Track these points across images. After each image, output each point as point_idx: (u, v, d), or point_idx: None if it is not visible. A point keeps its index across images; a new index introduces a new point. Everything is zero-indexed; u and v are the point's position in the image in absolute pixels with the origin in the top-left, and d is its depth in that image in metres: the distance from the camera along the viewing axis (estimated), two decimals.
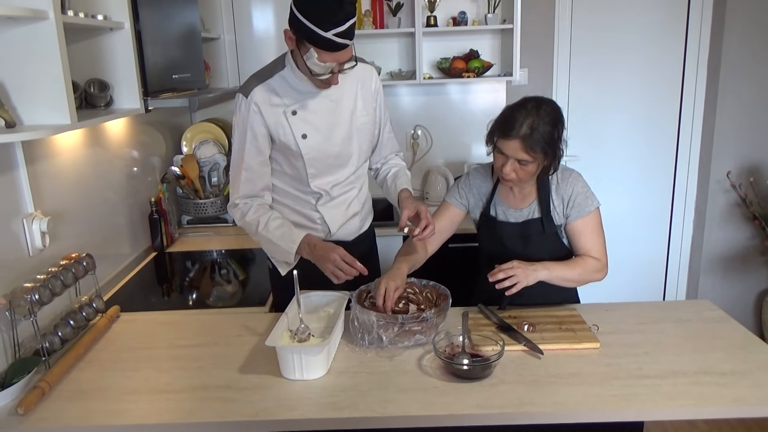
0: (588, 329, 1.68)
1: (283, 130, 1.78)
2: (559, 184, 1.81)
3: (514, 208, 1.86)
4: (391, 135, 2.05)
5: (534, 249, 1.83)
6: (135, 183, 2.55)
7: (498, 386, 1.44)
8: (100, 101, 1.79)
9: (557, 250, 1.85)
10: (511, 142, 1.66)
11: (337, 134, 1.84)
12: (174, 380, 1.51)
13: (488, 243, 1.92)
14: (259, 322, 1.82)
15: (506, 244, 1.86)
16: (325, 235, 1.96)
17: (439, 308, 1.63)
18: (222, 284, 2.31)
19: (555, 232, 1.82)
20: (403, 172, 2.01)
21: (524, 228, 1.84)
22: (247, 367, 1.56)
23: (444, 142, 3.38)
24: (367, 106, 1.89)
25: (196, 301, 2.14)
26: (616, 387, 1.42)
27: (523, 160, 1.67)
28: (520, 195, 1.86)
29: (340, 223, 1.96)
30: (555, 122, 1.68)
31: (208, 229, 2.88)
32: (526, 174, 1.72)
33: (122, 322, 1.87)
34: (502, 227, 1.87)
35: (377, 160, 2.05)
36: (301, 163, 1.83)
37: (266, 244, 1.86)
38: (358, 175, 1.97)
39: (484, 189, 1.92)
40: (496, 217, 1.89)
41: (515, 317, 1.77)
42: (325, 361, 1.50)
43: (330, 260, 1.70)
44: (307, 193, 1.91)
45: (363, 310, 1.62)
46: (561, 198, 1.81)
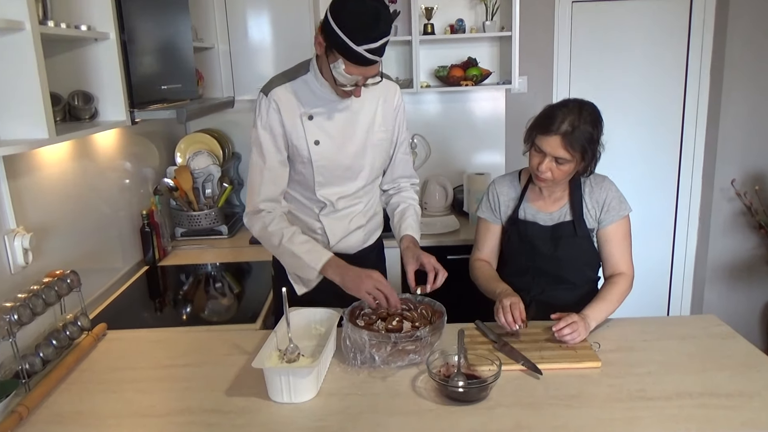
0: (589, 347, 1.62)
1: (297, 134, 1.74)
2: (593, 188, 1.81)
3: (544, 210, 1.85)
4: (407, 158, 1.98)
5: (565, 251, 1.82)
6: (127, 195, 2.50)
7: (494, 409, 1.37)
8: (84, 114, 1.74)
9: (588, 254, 1.83)
10: (551, 138, 1.65)
11: (350, 146, 1.80)
12: (158, 403, 1.45)
13: (517, 246, 1.88)
14: (250, 339, 1.76)
15: (537, 245, 1.83)
16: (323, 246, 1.90)
17: (433, 326, 1.56)
18: (214, 299, 2.25)
19: (587, 235, 1.80)
20: (412, 211, 1.94)
21: (555, 230, 1.82)
22: (235, 388, 1.50)
23: (442, 152, 3.33)
24: (386, 123, 1.84)
25: (186, 317, 2.08)
26: (618, 410, 1.36)
27: (561, 158, 1.66)
28: (550, 199, 1.85)
29: (341, 236, 1.90)
30: (595, 123, 1.68)
31: (202, 242, 2.82)
32: (561, 174, 1.70)
33: (108, 340, 1.82)
34: (532, 228, 1.84)
35: (388, 182, 1.99)
36: (310, 169, 1.78)
37: (289, 258, 1.76)
38: (367, 191, 1.91)
39: (512, 195, 1.90)
40: (525, 218, 1.86)
41: (513, 333, 1.71)
42: (315, 383, 1.44)
43: (372, 278, 1.63)
44: (311, 200, 1.85)
45: (354, 328, 1.56)
46: (595, 202, 1.80)
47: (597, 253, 1.84)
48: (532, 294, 1.85)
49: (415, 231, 1.89)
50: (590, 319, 1.67)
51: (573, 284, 1.86)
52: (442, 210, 3.18)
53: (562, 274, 1.85)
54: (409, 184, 2.00)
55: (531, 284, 1.86)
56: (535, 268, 1.86)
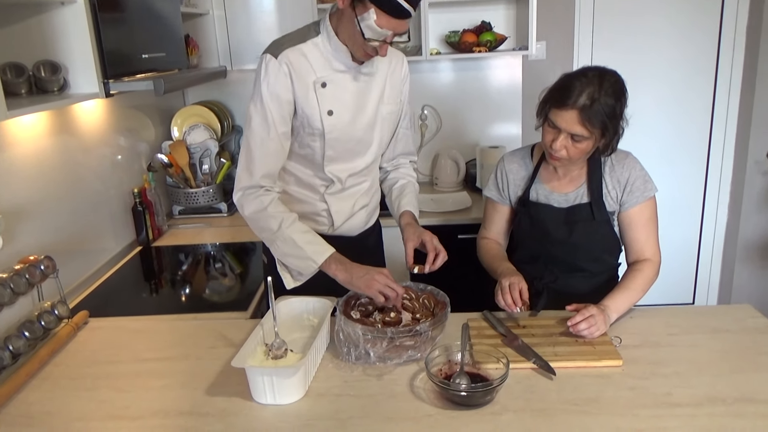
0: (609, 342, 1.45)
1: (308, 103, 1.57)
2: (615, 167, 1.62)
3: (558, 191, 1.67)
4: (408, 133, 1.83)
5: (580, 237, 1.65)
6: (118, 172, 2.37)
7: (501, 415, 1.22)
8: (51, 85, 1.59)
9: (606, 240, 1.66)
10: (567, 113, 1.46)
11: (362, 117, 1.64)
12: (132, 403, 1.33)
13: (527, 230, 1.72)
14: (238, 330, 1.63)
15: (549, 230, 1.66)
16: (327, 229, 1.75)
17: (435, 319, 1.41)
18: (206, 283, 2.12)
19: (606, 219, 1.63)
20: (411, 188, 1.81)
21: (570, 214, 1.65)
22: (216, 387, 1.37)
23: (454, 124, 3.13)
24: (394, 95, 1.69)
25: (174, 304, 1.95)
26: (641, 418, 1.20)
27: (577, 135, 1.48)
28: (566, 178, 1.66)
29: (346, 216, 1.75)
30: (618, 95, 1.49)
31: (200, 220, 2.69)
32: (578, 152, 1.52)
33: (89, 329, 1.70)
34: (545, 211, 1.67)
35: (388, 160, 1.84)
36: (320, 143, 1.62)
37: (285, 246, 1.58)
38: (372, 168, 1.77)
39: (522, 173, 1.73)
40: (538, 200, 1.69)
41: (524, 326, 1.55)
42: (301, 384, 1.31)
43: (383, 273, 1.49)
44: (317, 178, 1.69)
45: (348, 321, 1.42)
46: (617, 182, 1.62)
47: (617, 239, 1.67)
48: (544, 282, 1.68)
49: (414, 207, 1.76)
50: (610, 311, 1.51)
51: (590, 272, 1.69)
52: (453, 186, 3.00)
53: (577, 262, 1.68)
54: (408, 161, 1.85)
55: (543, 271, 1.70)
56: (548, 254, 1.70)
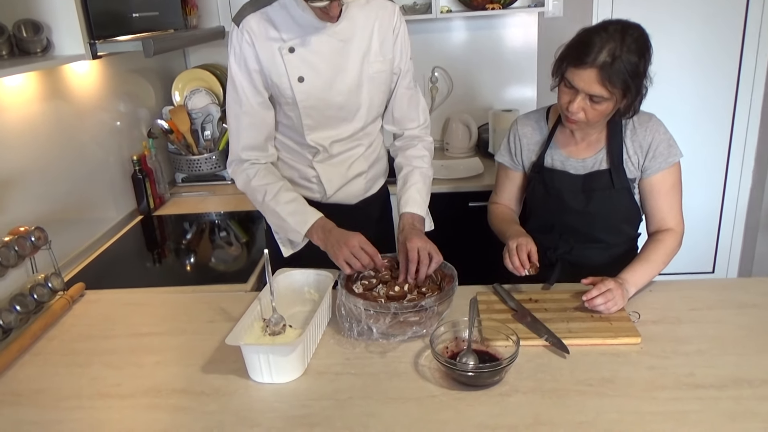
0: (627, 318, 1.37)
1: (277, 70, 1.48)
2: (636, 130, 1.51)
3: (575, 157, 1.56)
4: (412, 94, 1.65)
5: (598, 206, 1.54)
6: (117, 139, 2.30)
7: (510, 396, 1.15)
8: (34, 46, 1.50)
9: (626, 209, 1.56)
10: (585, 71, 1.35)
11: (342, 81, 1.53)
12: (124, 380, 1.27)
13: (541, 198, 1.61)
14: (238, 303, 1.56)
15: (565, 198, 1.56)
16: (320, 197, 1.68)
17: (441, 294, 1.33)
18: (207, 253, 2.06)
19: (627, 187, 1.52)
20: (417, 176, 1.63)
21: (588, 181, 1.54)
22: (212, 363, 1.31)
23: (466, 86, 3.00)
24: (383, 50, 1.56)
25: (173, 275, 1.89)
26: (661, 401, 1.12)
27: (596, 96, 1.37)
28: (584, 142, 1.55)
29: (339, 184, 1.67)
30: (642, 52, 1.36)
31: (202, 188, 2.62)
32: (596, 115, 1.41)
33: (85, 302, 1.64)
34: (560, 178, 1.56)
35: (390, 122, 1.70)
36: (296, 111, 1.53)
37: (273, 218, 1.58)
38: (368, 132, 1.66)
39: (536, 137, 1.62)
40: (553, 166, 1.58)
41: (536, 300, 1.47)
42: (299, 361, 1.24)
43: (348, 245, 1.42)
44: (302, 146, 1.61)
45: (349, 296, 1.34)
46: (639, 147, 1.50)
47: (638, 208, 1.56)
48: (558, 253, 1.59)
49: (418, 204, 1.59)
50: (629, 285, 1.41)
51: (607, 243, 1.60)
52: (465, 151, 2.89)
53: (594, 232, 1.59)
54: (417, 130, 1.69)
55: (557, 242, 1.61)
56: (563, 224, 1.60)
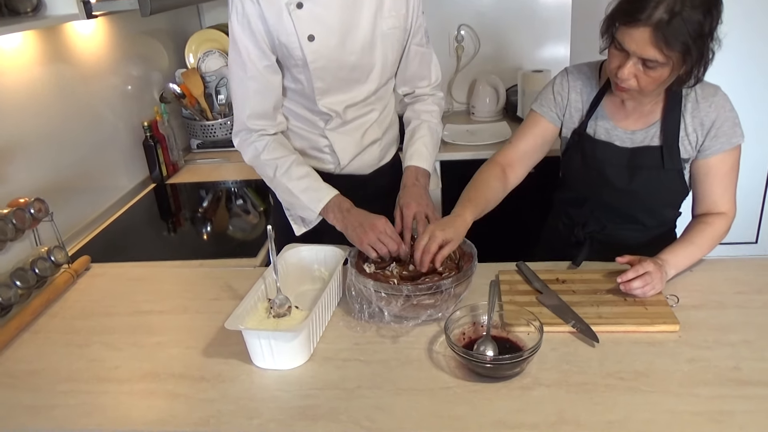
0: (664, 302, 1.24)
1: (284, 29, 1.35)
2: (699, 105, 1.32)
3: (624, 128, 1.38)
4: (424, 51, 1.54)
5: (643, 186, 1.37)
6: (127, 104, 2.21)
7: (531, 390, 1.05)
8: (23, 6, 1.41)
9: (673, 193, 1.39)
10: (638, 30, 1.15)
11: (354, 38, 1.40)
12: (123, 363, 1.21)
13: (578, 169, 1.45)
14: (245, 280, 1.48)
15: (607, 173, 1.39)
16: (334, 168, 1.57)
17: (459, 275, 1.23)
18: (219, 225, 1.98)
19: (678, 169, 1.35)
20: (424, 131, 1.54)
21: (635, 156, 1.37)
22: (214, 346, 1.24)
23: (493, 45, 2.82)
24: (396, 5, 1.43)
25: (181, 249, 1.80)
26: (702, 399, 1.00)
27: (650, 60, 1.17)
28: (636, 112, 1.37)
29: (353, 153, 1.56)
30: (708, 8, 1.15)
31: (218, 155, 2.54)
32: (650, 83, 1.22)
33: (90, 276, 1.58)
34: (604, 149, 1.39)
35: (401, 83, 1.59)
36: (306, 74, 1.42)
37: (284, 194, 1.48)
38: (380, 96, 1.54)
39: (585, 96, 1.42)
40: (595, 135, 1.41)
41: (564, 281, 1.35)
42: (305, 347, 1.16)
43: (375, 230, 1.32)
44: (314, 113, 1.50)
45: (359, 276, 1.25)
46: (699, 124, 1.32)
47: (687, 190, 1.40)
48: (588, 231, 1.46)
49: (423, 158, 1.50)
50: (669, 266, 1.28)
51: (644, 225, 1.45)
52: (492, 115, 2.73)
53: (633, 213, 1.44)
54: (429, 89, 1.59)
55: (588, 218, 1.47)
56: (598, 199, 1.45)
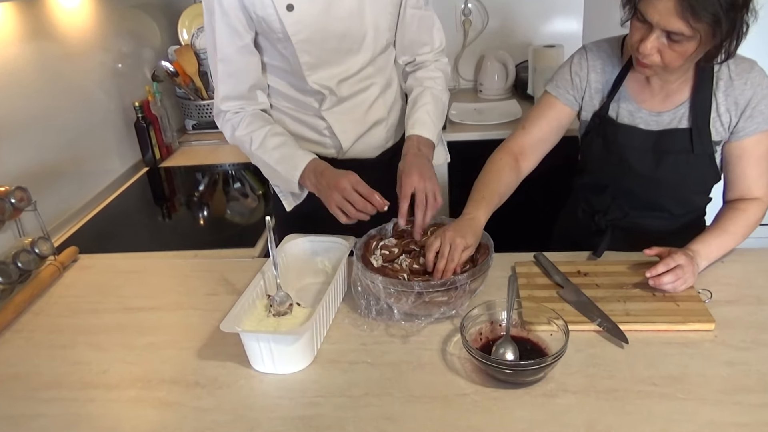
0: (696, 297, 1.15)
1: (260, 1, 1.24)
2: (733, 82, 1.20)
3: (649, 109, 1.26)
4: (426, 14, 1.42)
5: (669, 173, 1.26)
6: (118, 83, 2.10)
7: (556, 397, 0.96)
8: None
9: (703, 179, 1.28)
10: (661, 1, 1.03)
11: (339, 4, 1.28)
12: (111, 366, 1.12)
13: (599, 155, 1.33)
14: (243, 273, 1.39)
15: (630, 159, 1.28)
16: (336, 152, 1.46)
17: (475, 270, 1.13)
18: (217, 210, 1.88)
19: (709, 153, 1.24)
20: (429, 97, 1.41)
21: (661, 140, 1.25)
22: (209, 347, 1.14)
23: (503, 19, 2.68)
24: None
25: (174, 239, 1.69)
26: (746, 408, 0.91)
27: (675, 32, 1.06)
28: (662, 92, 1.25)
29: (356, 134, 1.45)
30: None
31: (213, 136, 2.42)
32: (675, 58, 1.10)
33: (78, 269, 1.49)
34: (626, 133, 1.28)
35: (401, 52, 1.47)
36: (290, 49, 1.30)
37: (264, 168, 1.39)
38: (380, 67, 1.42)
39: (606, 76, 1.30)
40: (617, 118, 1.29)
41: (586, 273, 1.25)
42: (307, 349, 1.06)
43: (338, 188, 1.22)
44: (305, 92, 1.39)
45: (365, 270, 1.15)
46: (733, 103, 1.20)
47: (718, 176, 1.29)
48: (609, 219, 1.36)
49: (426, 127, 1.36)
50: (700, 258, 1.18)
51: (670, 213, 1.34)
52: (501, 93, 2.61)
53: (658, 200, 1.33)
54: (431, 54, 1.46)
55: (610, 205, 1.36)
56: (621, 186, 1.34)
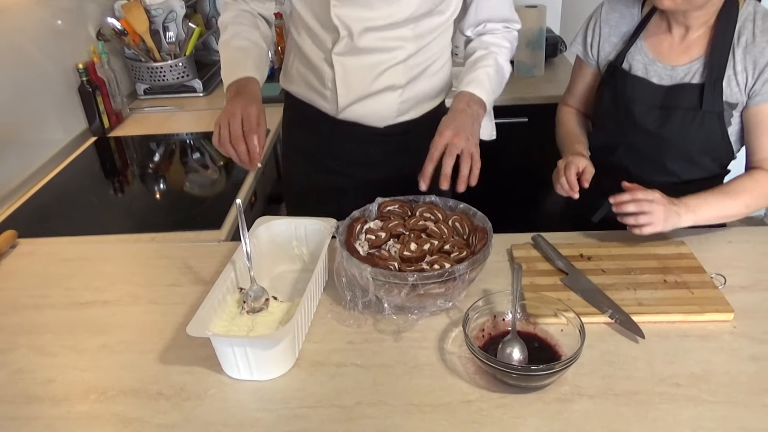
0: (710, 283, 1.06)
1: None
2: (756, 38, 1.12)
3: (664, 61, 1.19)
4: None
5: (675, 130, 1.19)
6: (58, 42, 1.87)
7: (572, 402, 0.86)
8: None
9: (709, 139, 1.19)
10: None
11: None
12: (59, 374, 0.96)
13: (608, 109, 1.28)
14: (209, 258, 1.24)
15: (635, 113, 1.21)
16: (331, 109, 1.31)
17: (475, 258, 1.01)
18: (176, 185, 1.70)
19: (718, 112, 1.15)
20: (492, 60, 1.25)
21: (670, 95, 1.18)
22: (174, 349, 1.00)
23: None
24: None
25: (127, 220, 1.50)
26: None
27: None
28: (683, 43, 1.18)
29: (358, 93, 1.27)
30: None
31: (168, 102, 2.22)
32: None
33: (16, 256, 1.30)
34: (635, 86, 1.21)
35: (469, 26, 1.30)
36: None
37: None
38: (419, 33, 1.22)
39: (623, 28, 1.25)
40: (631, 70, 1.22)
41: (590, 257, 1.15)
42: (287, 353, 0.93)
43: (227, 110, 1.08)
44: (324, 26, 1.21)
45: (351, 259, 1.01)
46: (752, 63, 1.12)
47: (728, 141, 1.20)
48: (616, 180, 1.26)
49: (484, 88, 1.21)
50: (686, 209, 1.10)
51: (677, 176, 1.26)
52: None
53: (665, 161, 1.25)
54: (502, 26, 1.30)
55: (617, 168, 1.28)
56: (628, 145, 1.27)
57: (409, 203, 1.18)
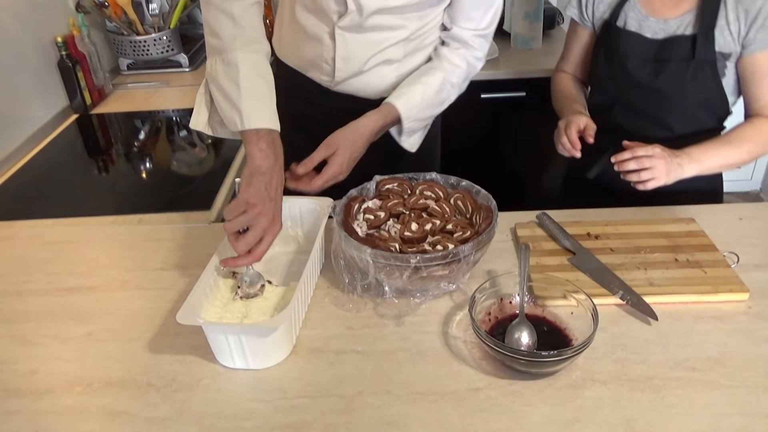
0: (723, 261, 1.02)
1: None
2: None
3: (657, 16, 1.20)
4: None
5: (670, 82, 1.19)
6: (34, 14, 1.77)
7: (584, 389, 0.82)
8: None
9: (705, 90, 1.19)
10: None
11: None
12: (42, 366, 0.91)
13: (602, 67, 1.29)
14: (199, 241, 1.18)
15: (629, 68, 1.22)
16: (327, 81, 1.25)
17: (480, 238, 0.96)
18: (162, 164, 1.63)
19: (711, 61, 1.15)
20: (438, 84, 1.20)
21: (663, 48, 1.18)
22: (164, 337, 0.95)
23: None
24: None
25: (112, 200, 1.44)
26: None
27: None
28: None
29: (356, 67, 1.21)
30: None
31: (153, 77, 2.13)
32: None
33: None
34: (628, 41, 1.21)
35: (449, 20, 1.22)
36: None
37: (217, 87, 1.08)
38: (423, 16, 1.17)
39: None
40: (626, 26, 1.23)
41: (597, 236, 1.11)
42: (284, 340, 0.88)
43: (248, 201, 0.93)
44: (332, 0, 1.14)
45: (350, 240, 0.96)
46: (743, 11, 1.13)
47: (722, 92, 1.20)
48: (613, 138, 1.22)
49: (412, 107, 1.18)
50: (686, 159, 1.10)
51: (672, 131, 1.25)
52: None
53: (661, 116, 1.24)
54: (470, 33, 1.20)
55: (614, 126, 1.27)
56: (625, 102, 1.26)
57: (409, 181, 1.12)
